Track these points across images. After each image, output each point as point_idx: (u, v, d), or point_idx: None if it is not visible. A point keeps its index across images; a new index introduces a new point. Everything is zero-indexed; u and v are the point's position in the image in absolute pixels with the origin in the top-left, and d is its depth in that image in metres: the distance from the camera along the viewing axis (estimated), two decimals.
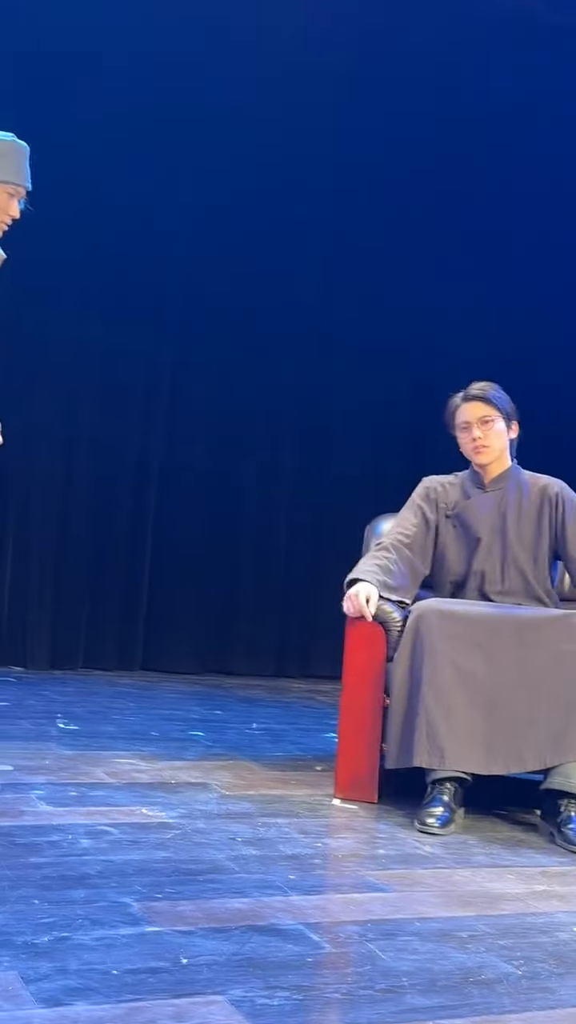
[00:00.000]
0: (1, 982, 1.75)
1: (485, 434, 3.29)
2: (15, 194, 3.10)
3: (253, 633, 5.73)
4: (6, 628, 5.17)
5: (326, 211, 5.81)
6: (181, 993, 1.77)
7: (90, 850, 2.46)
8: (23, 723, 3.87)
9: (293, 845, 2.66)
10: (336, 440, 5.85)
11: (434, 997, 1.85)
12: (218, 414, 5.60)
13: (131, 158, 5.29)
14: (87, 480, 5.32)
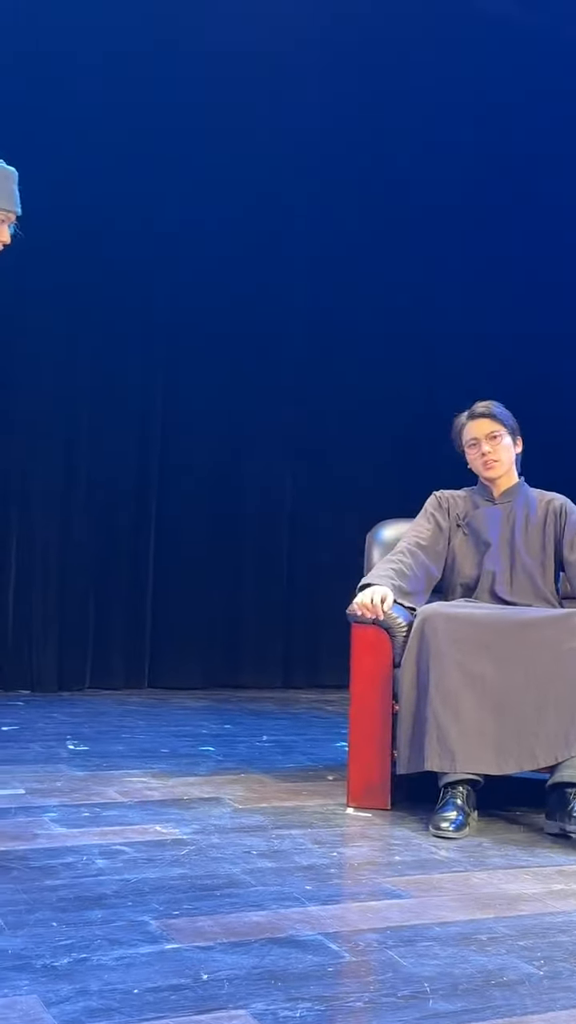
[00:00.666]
0: (23, 1006, 1.74)
1: (494, 448, 3.39)
2: (5, 219, 3.11)
3: (259, 646, 5.73)
4: (12, 652, 5.17)
5: (327, 217, 5.82)
6: (203, 1009, 1.76)
7: (106, 870, 2.46)
8: (33, 746, 3.87)
9: (308, 855, 2.65)
10: (336, 449, 5.85)
11: (457, 1001, 1.84)
12: (215, 439, 5.60)
13: (128, 166, 5.31)
14: (87, 502, 5.33)
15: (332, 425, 5.85)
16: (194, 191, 5.48)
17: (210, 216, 5.52)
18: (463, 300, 6.11)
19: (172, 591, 5.52)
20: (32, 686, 5.18)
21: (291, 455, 5.78)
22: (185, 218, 5.48)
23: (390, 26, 5.83)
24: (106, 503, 5.37)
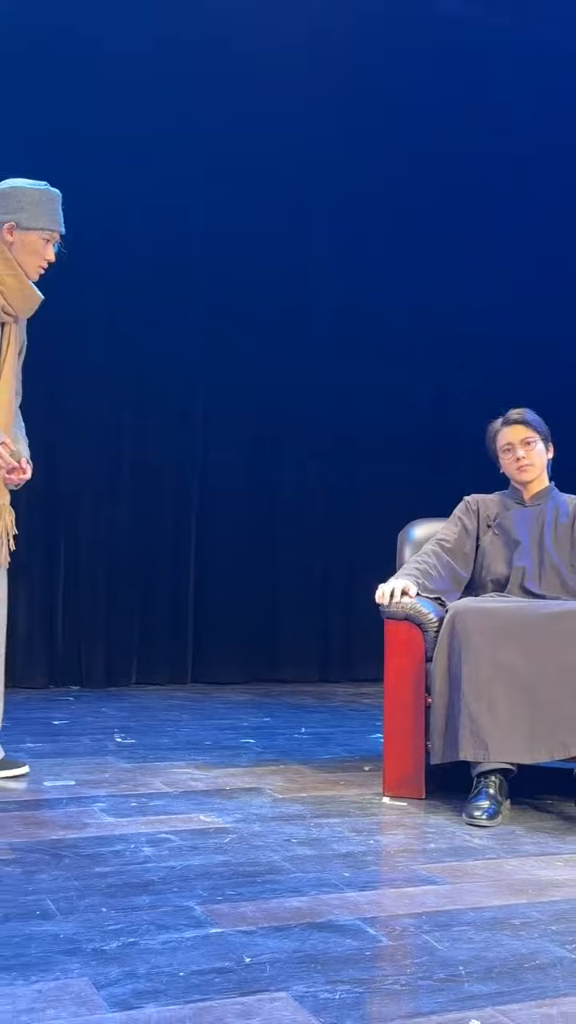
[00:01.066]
0: (74, 988, 1.75)
1: (528, 453, 3.42)
2: (50, 239, 3.15)
3: (297, 642, 5.73)
4: (62, 650, 5.20)
5: (353, 219, 5.79)
6: (246, 991, 1.76)
7: (152, 857, 2.47)
8: (83, 739, 3.89)
9: (346, 843, 2.64)
10: (366, 454, 5.84)
11: (491, 984, 1.83)
12: (251, 440, 5.61)
13: (161, 172, 5.34)
14: (131, 509, 5.35)
15: (365, 431, 5.84)
16: (225, 193, 5.48)
17: (245, 219, 5.51)
18: (493, 315, 6.07)
19: (213, 590, 5.53)
20: (81, 683, 5.21)
21: (325, 459, 5.77)
22: (212, 238, 5.48)
23: (401, 33, 5.81)
24: (149, 510, 5.39)
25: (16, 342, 3.20)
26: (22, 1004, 1.69)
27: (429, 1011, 1.72)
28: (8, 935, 1.97)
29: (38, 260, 3.13)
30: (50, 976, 1.79)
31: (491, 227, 6.11)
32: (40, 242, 3.12)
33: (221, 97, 5.46)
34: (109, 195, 5.17)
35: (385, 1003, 1.74)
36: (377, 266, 5.85)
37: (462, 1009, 1.73)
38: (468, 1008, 1.73)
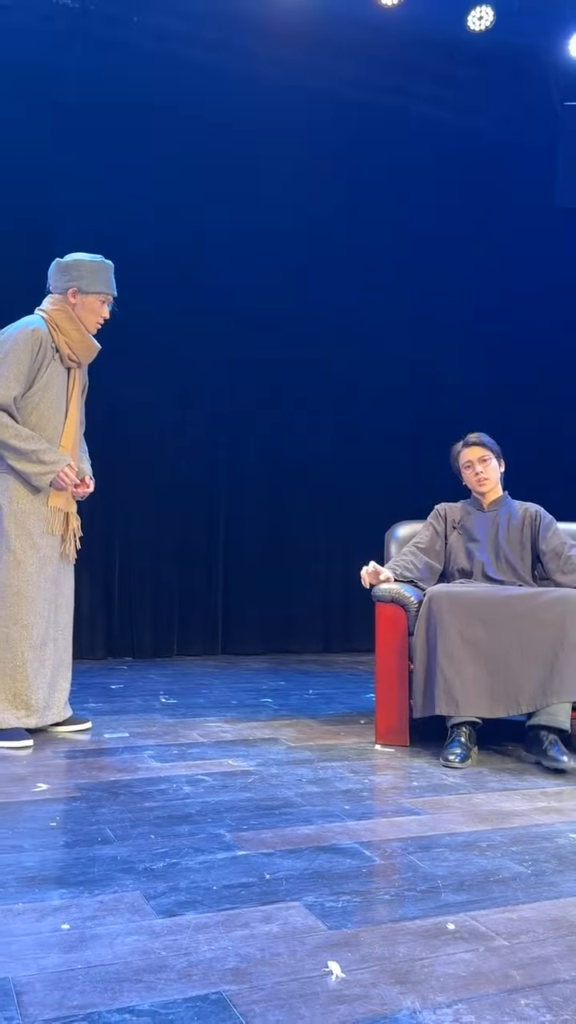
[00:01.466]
0: (129, 900, 1.76)
1: (484, 469, 3.42)
2: (105, 301, 3.16)
3: (305, 619, 5.72)
4: (118, 627, 5.21)
5: (352, 239, 5.75)
6: (267, 901, 1.77)
7: (191, 794, 2.47)
8: (135, 700, 3.90)
9: (346, 782, 2.65)
10: (358, 472, 5.82)
11: (463, 894, 1.83)
12: (269, 456, 5.61)
13: (185, 218, 5.34)
14: (171, 513, 5.36)
15: (360, 446, 5.84)
16: (240, 225, 5.49)
17: (259, 258, 5.51)
18: (486, 332, 6.06)
19: (238, 578, 5.53)
20: (133, 654, 5.22)
21: (326, 476, 5.77)
22: (237, 254, 5.47)
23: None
24: (185, 514, 5.40)
25: (80, 384, 3.23)
26: (88, 912, 1.70)
27: (414, 916, 1.72)
28: (76, 857, 1.98)
29: (96, 318, 3.16)
30: (109, 890, 1.80)
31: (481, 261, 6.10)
32: (97, 303, 3.14)
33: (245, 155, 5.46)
34: (151, 258, 5.17)
35: (378, 910, 1.74)
36: (379, 302, 5.83)
37: (440, 915, 1.73)
38: (445, 914, 1.74)
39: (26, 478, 3.01)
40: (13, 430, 2.98)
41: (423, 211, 5.93)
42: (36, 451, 2.99)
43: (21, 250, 4.77)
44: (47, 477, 3.02)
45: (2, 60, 4.81)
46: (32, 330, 3.04)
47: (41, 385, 3.07)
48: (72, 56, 4.99)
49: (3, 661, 2.99)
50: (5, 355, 3.00)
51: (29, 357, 3.01)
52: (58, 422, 3.12)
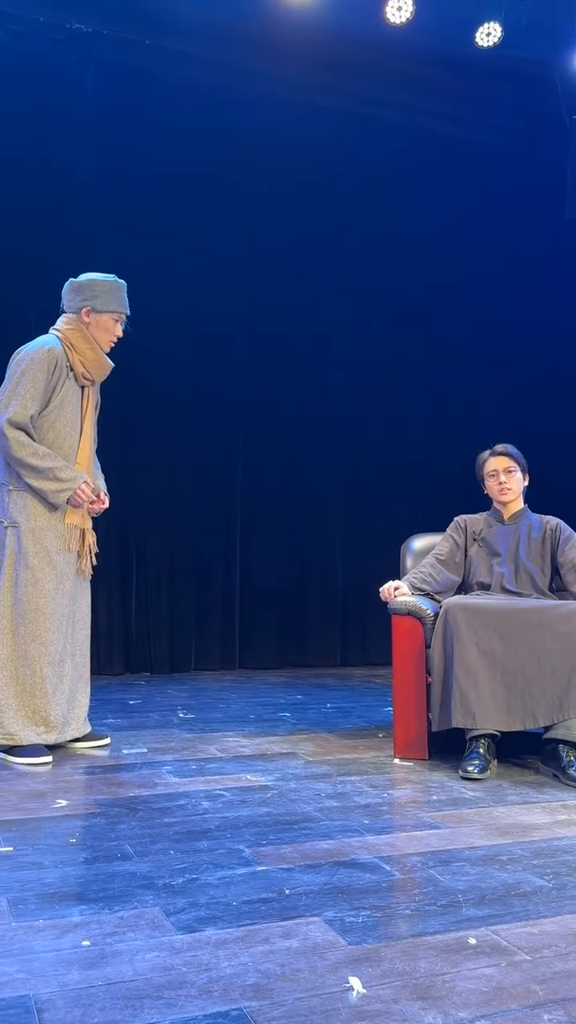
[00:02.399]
0: (149, 916, 1.75)
1: (508, 479, 3.40)
2: (119, 319, 3.19)
3: (322, 633, 5.70)
4: (135, 642, 5.22)
5: (364, 254, 5.73)
6: (287, 917, 1.76)
7: (209, 810, 2.47)
8: (153, 715, 3.90)
9: (365, 796, 2.63)
10: (377, 482, 5.81)
11: (484, 908, 1.82)
12: (284, 470, 5.62)
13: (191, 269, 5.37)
14: (187, 530, 5.36)
15: (375, 459, 5.83)
16: (261, 263, 5.52)
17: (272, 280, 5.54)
18: (482, 367, 6.06)
19: (254, 594, 5.53)
20: (151, 669, 5.22)
21: (342, 487, 5.77)
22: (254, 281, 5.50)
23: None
24: (201, 531, 5.40)
25: (94, 401, 3.26)
26: (108, 928, 1.70)
27: (434, 931, 1.71)
28: (96, 873, 1.98)
29: (109, 336, 3.18)
30: (129, 906, 1.80)
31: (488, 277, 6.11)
32: (111, 322, 3.16)
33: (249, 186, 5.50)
34: (159, 284, 5.20)
35: (399, 925, 1.73)
36: (389, 324, 5.85)
37: (461, 929, 1.72)
38: (466, 928, 1.72)
39: (43, 495, 3.04)
40: (30, 448, 3.00)
41: (434, 225, 5.94)
42: (53, 469, 3.02)
43: (33, 271, 4.81)
44: (64, 494, 3.04)
45: (18, 85, 4.88)
46: (48, 349, 3.06)
47: (57, 404, 3.09)
48: (86, 80, 5.06)
49: (22, 678, 3.00)
50: (22, 374, 3.03)
51: (45, 376, 3.04)
52: (73, 440, 3.14)
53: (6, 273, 4.81)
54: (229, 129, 5.36)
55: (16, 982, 1.49)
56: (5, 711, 2.98)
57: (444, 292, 5.99)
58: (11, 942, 1.64)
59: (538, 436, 5.95)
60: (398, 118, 5.75)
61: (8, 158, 4.85)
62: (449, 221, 5.98)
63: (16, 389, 3.02)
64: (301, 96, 5.51)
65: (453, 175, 5.98)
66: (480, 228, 6.07)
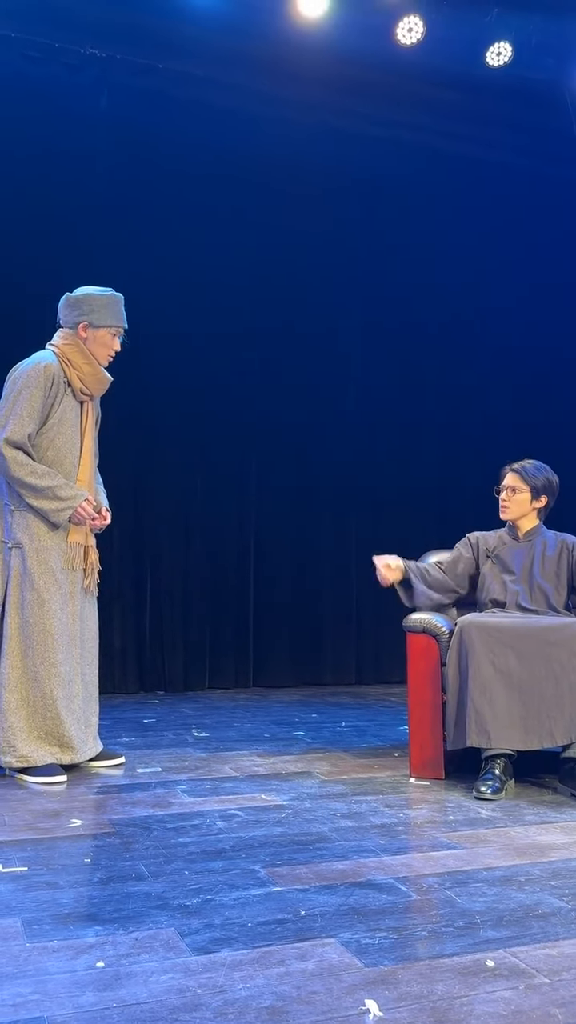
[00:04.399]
0: (163, 937, 1.75)
1: (508, 498, 3.38)
2: (117, 333, 3.19)
3: (337, 652, 5.69)
4: (149, 661, 5.22)
5: (380, 271, 5.76)
6: (303, 938, 1.75)
7: (224, 830, 2.46)
8: (167, 734, 3.89)
9: (381, 816, 2.62)
10: (389, 503, 5.81)
11: (503, 930, 1.80)
12: (298, 488, 5.62)
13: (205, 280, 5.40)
14: (201, 549, 5.37)
15: (387, 485, 5.82)
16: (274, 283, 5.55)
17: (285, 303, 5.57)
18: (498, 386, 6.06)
19: (268, 612, 5.52)
20: (165, 687, 5.21)
21: (355, 506, 5.76)
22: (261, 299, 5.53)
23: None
24: (215, 550, 5.41)
25: (93, 417, 3.25)
26: (123, 949, 1.69)
27: (452, 953, 1.69)
28: (111, 894, 1.97)
29: (107, 351, 3.17)
30: (144, 927, 1.79)
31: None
32: (108, 336, 3.16)
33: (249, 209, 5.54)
34: (169, 297, 5.23)
35: (416, 946, 1.72)
36: (402, 344, 5.87)
37: (479, 951, 1.70)
38: (484, 950, 1.70)
39: (44, 515, 3.03)
40: (29, 467, 3.00)
41: (447, 244, 5.97)
42: (53, 487, 3.01)
43: (49, 290, 4.84)
44: (65, 513, 3.03)
45: (34, 109, 4.95)
46: (44, 366, 3.06)
47: (55, 421, 3.08)
48: (100, 103, 5.13)
49: (33, 700, 3.00)
50: (18, 393, 3.02)
51: (42, 394, 3.03)
52: (74, 457, 3.13)
53: (18, 291, 4.85)
54: (242, 151, 5.41)
55: (31, 1003, 1.49)
56: (17, 733, 2.97)
57: (459, 311, 6.00)
58: (26, 963, 1.63)
59: (555, 452, 5.94)
60: (410, 138, 5.80)
61: (24, 180, 4.92)
62: (462, 240, 6.01)
63: (13, 408, 3.01)
64: (313, 117, 5.56)
65: (465, 194, 6.01)
66: (493, 246, 6.09)
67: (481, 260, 6.05)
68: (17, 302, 4.82)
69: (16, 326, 4.73)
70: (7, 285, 4.84)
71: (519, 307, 6.13)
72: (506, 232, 6.11)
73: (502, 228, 6.10)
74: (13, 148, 4.90)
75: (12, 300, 4.82)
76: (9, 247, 4.88)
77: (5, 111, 4.90)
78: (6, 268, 4.86)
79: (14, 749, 2.96)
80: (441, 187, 5.95)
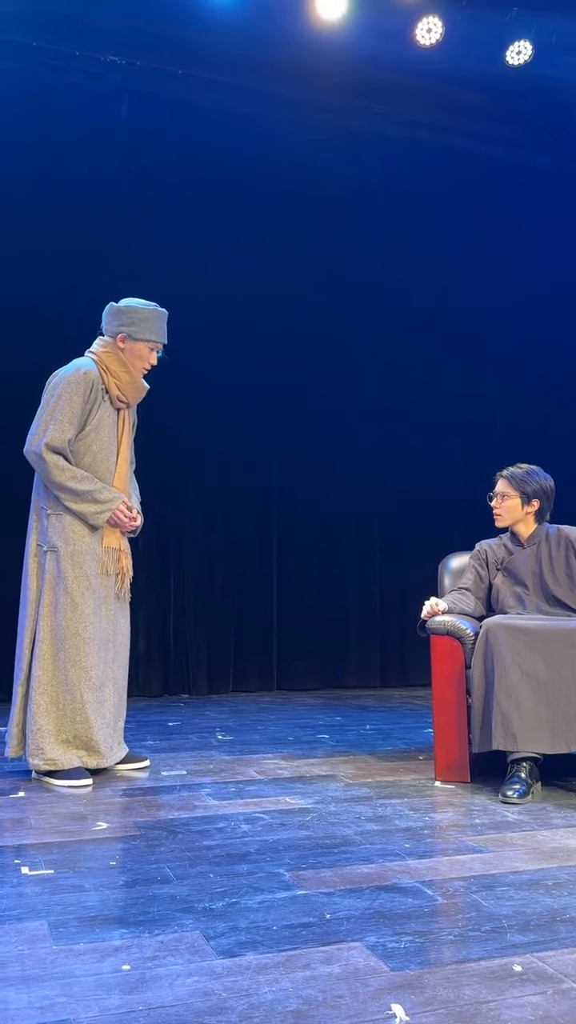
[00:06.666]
0: (188, 940, 1.75)
1: (499, 505, 3.38)
2: (154, 348, 3.21)
3: (361, 654, 5.67)
4: (174, 664, 5.23)
5: (401, 273, 5.74)
6: (328, 942, 1.74)
7: (249, 833, 2.46)
8: (191, 737, 3.90)
9: (406, 820, 2.60)
10: (413, 503, 5.79)
11: (530, 934, 1.78)
12: (321, 490, 5.62)
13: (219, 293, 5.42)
14: (224, 554, 5.37)
15: (411, 483, 5.80)
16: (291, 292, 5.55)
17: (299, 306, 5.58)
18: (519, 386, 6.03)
19: (292, 615, 5.52)
20: (189, 691, 5.22)
21: (379, 508, 5.75)
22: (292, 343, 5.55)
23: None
24: (239, 554, 5.41)
25: (130, 424, 3.29)
26: (148, 952, 1.69)
27: (478, 957, 1.68)
28: (136, 897, 1.98)
29: (143, 364, 3.20)
30: (169, 930, 1.79)
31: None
32: (145, 350, 3.19)
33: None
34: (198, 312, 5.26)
35: (442, 951, 1.70)
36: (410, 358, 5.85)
37: (506, 956, 1.68)
38: (511, 955, 1.69)
39: (83, 518, 3.07)
40: (69, 472, 3.04)
41: (469, 244, 5.95)
42: (92, 491, 3.05)
43: (71, 295, 4.90)
44: (103, 515, 3.07)
45: (56, 117, 4.99)
46: (84, 373, 3.10)
47: (93, 427, 3.13)
48: (121, 110, 5.16)
49: (63, 703, 3.02)
50: (58, 398, 3.07)
51: (81, 400, 3.08)
52: (110, 463, 3.17)
53: (45, 297, 4.90)
54: (262, 155, 5.42)
55: (57, 1006, 1.50)
56: (46, 736, 2.99)
57: (480, 311, 5.97)
58: (52, 965, 1.64)
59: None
60: (430, 139, 5.78)
61: (47, 187, 4.96)
62: (483, 240, 5.98)
63: (53, 413, 3.06)
64: (333, 120, 5.56)
65: (486, 194, 5.98)
66: (515, 245, 6.05)
67: (503, 260, 6.02)
68: (37, 307, 4.86)
69: (35, 327, 4.78)
70: (27, 290, 4.88)
71: (542, 306, 6.09)
72: (528, 231, 6.07)
73: (524, 227, 6.06)
74: (36, 156, 4.94)
75: (31, 305, 4.86)
76: (31, 253, 4.91)
77: (28, 120, 4.94)
78: (27, 274, 4.89)
79: (42, 752, 2.98)
80: (461, 187, 5.93)
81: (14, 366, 4.71)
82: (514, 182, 6.03)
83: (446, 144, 5.82)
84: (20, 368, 4.59)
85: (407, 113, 5.64)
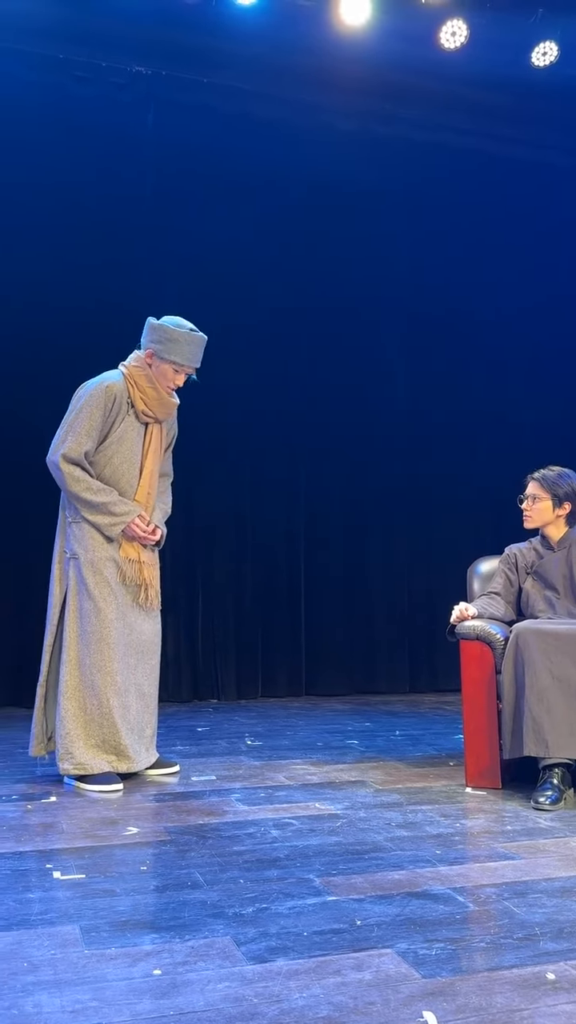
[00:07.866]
0: (219, 945, 1.75)
1: (529, 507, 3.36)
2: (180, 371, 3.20)
3: (390, 660, 5.65)
4: (203, 670, 5.25)
5: (426, 278, 5.74)
6: (359, 948, 1.74)
7: (279, 838, 2.46)
8: (220, 742, 3.91)
9: (437, 826, 2.59)
10: (439, 512, 5.76)
11: (563, 942, 1.76)
12: (349, 496, 5.61)
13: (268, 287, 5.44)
14: (253, 561, 5.39)
15: (439, 488, 5.78)
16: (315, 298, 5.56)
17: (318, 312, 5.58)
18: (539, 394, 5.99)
19: (321, 621, 5.51)
20: (218, 696, 5.24)
21: (407, 512, 5.73)
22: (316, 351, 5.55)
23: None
24: (267, 562, 5.42)
25: (159, 439, 3.25)
26: (179, 957, 1.70)
27: (511, 965, 1.66)
28: (167, 902, 1.98)
29: (168, 383, 3.19)
30: (200, 935, 1.80)
31: None
32: (171, 371, 3.18)
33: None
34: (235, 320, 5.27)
35: (474, 958, 1.69)
36: (440, 359, 5.83)
37: (538, 963, 1.67)
38: (543, 962, 1.67)
39: (98, 528, 3.10)
40: (85, 483, 3.07)
41: (498, 246, 5.92)
42: (107, 504, 3.08)
43: (97, 305, 4.94)
44: (117, 528, 3.09)
45: (83, 128, 5.05)
46: (107, 386, 3.12)
47: (114, 440, 3.14)
48: (147, 119, 5.21)
49: (89, 708, 3.04)
50: (79, 411, 3.10)
51: (101, 413, 3.10)
52: (132, 476, 3.17)
53: (72, 308, 4.94)
54: (288, 161, 5.44)
55: (89, 1010, 1.51)
56: (75, 741, 3.02)
57: (511, 314, 5.94)
58: (84, 970, 1.65)
59: None
60: (456, 142, 5.77)
61: (74, 198, 5.01)
62: (508, 241, 5.95)
63: (72, 425, 3.09)
64: (359, 125, 5.57)
65: (513, 196, 5.96)
66: (542, 247, 6.02)
67: (527, 261, 5.98)
68: (56, 318, 4.90)
69: (53, 338, 4.83)
70: (50, 300, 4.93)
71: (567, 306, 6.04)
72: (556, 232, 6.03)
73: (551, 229, 6.02)
74: (64, 167, 5.00)
75: (48, 316, 4.90)
76: (58, 262, 4.96)
77: (56, 131, 5.00)
78: (51, 284, 4.94)
79: (72, 756, 3.01)
80: (488, 190, 5.90)
81: (51, 376, 4.76)
82: (538, 183, 6.00)
83: (471, 147, 5.80)
84: (58, 377, 4.63)
85: (432, 117, 5.63)
